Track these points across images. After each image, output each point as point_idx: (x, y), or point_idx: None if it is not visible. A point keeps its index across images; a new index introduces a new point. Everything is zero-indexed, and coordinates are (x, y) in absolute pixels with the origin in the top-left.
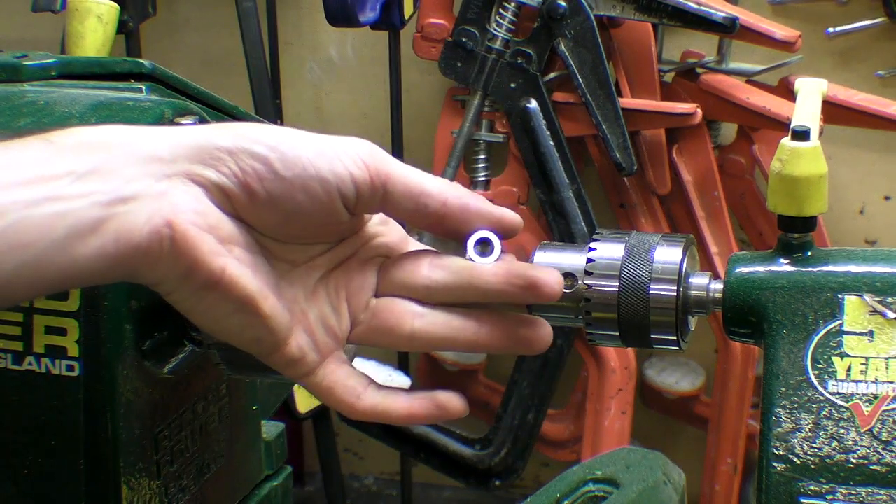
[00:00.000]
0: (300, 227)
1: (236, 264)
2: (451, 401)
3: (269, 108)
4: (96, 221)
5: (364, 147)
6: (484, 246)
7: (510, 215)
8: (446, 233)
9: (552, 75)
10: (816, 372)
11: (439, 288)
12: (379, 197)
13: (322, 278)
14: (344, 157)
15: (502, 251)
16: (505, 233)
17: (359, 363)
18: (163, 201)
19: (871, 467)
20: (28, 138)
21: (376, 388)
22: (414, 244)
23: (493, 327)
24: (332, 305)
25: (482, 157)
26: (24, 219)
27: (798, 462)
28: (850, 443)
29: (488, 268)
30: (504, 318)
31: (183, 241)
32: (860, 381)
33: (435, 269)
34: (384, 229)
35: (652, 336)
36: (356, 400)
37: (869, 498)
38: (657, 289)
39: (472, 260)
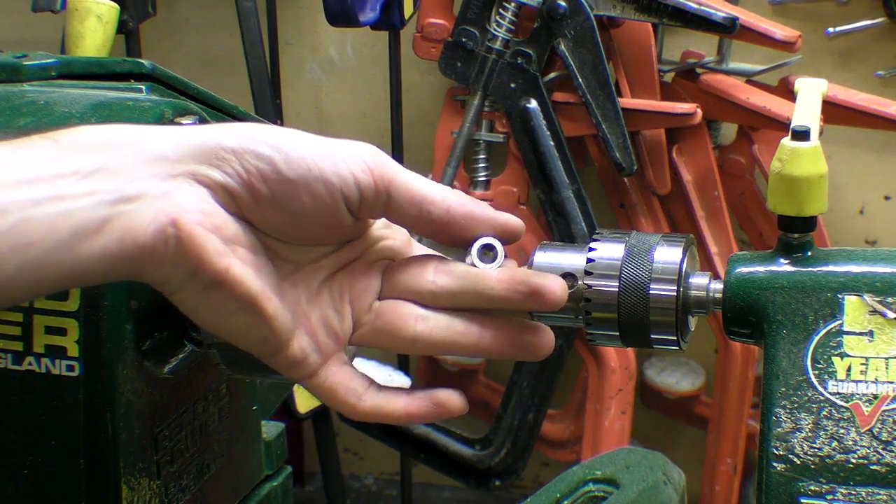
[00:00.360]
0: (304, 229)
1: (240, 265)
2: (451, 399)
3: (269, 108)
4: (101, 221)
5: (368, 151)
6: (488, 252)
7: (513, 221)
8: (450, 240)
9: (552, 75)
10: (816, 372)
11: (444, 293)
12: (382, 202)
13: (326, 280)
14: (349, 159)
15: (505, 257)
16: (508, 238)
17: (359, 363)
18: (168, 201)
19: (871, 467)
20: (33, 137)
21: (377, 388)
22: (418, 248)
23: (496, 332)
24: (335, 307)
25: (482, 157)
26: (28, 218)
27: (798, 462)
28: (850, 443)
29: (493, 274)
30: (507, 323)
31: (188, 240)
32: (860, 381)
33: (440, 275)
34: (388, 232)
35: (652, 336)
36: (357, 401)
37: (869, 498)
38: (657, 289)
39: (475, 266)
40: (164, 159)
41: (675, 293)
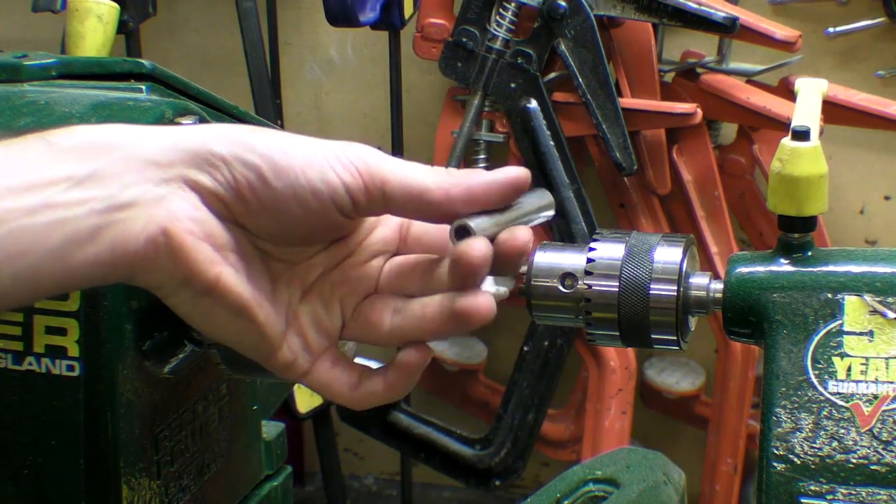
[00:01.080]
0: (296, 234)
1: (231, 272)
2: (410, 358)
3: (269, 108)
4: (93, 229)
5: (358, 152)
6: (463, 232)
7: (514, 177)
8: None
9: (552, 75)
10: (816, 372)
11: (429, 291)
12: (378, 202)
13: (319, 277)
14: (336, 165)
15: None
16: (520, 191)
17: (359, 363)
18: (160, 208)
19: (872, 467)
20: (28, 138)
21: (367, 376)
22: (417, 228)
23: (436, 310)
24: (325, 305)
25: (482, 157)
26: (22, 227)
27: (798, 462)
28: (851, 443)
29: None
30: (444, 297)
31: (179, 249)
32: (860, 381)
33: (427, 276)
34: (382, 219)
35: (652, 336)
36: (351, 393)
37: (869, 498)
38: (657, 289)
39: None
40: (157, 164)
41: (675, 293)
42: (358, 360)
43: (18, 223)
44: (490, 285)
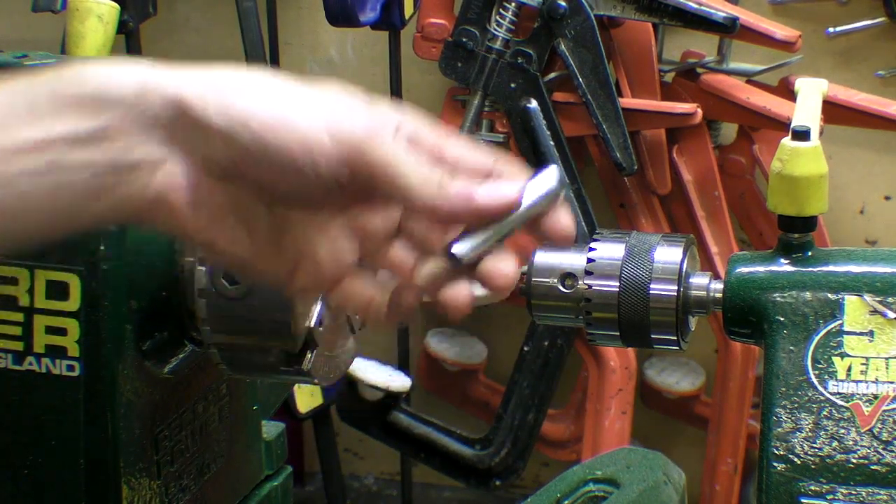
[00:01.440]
0: (288, 196)
1: (228, 235)
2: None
3: None
4: (97, 190)
5: (359, 133)
6: (455, 260)
7: (504, 200)
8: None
9: (552, 75)
10: (817, 372)
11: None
12: (367, 188)
13: (334, 214)
14: (331, 147)
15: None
16: (511, 210)
17: (359, 363)
18: (160, 171)
19: (872, 467)
20: (35, 83)
21: (387, 290)
22: None
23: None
24: (345, 239)
25: None
26: (28, 190)
27: (798, 462)
28: (851, 443)
29: None
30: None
31: (176, 213)
32: (860, 381)
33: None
34: None
35: (652, 336)
36: (372, 306)
37: (869, 498)
38: (657, 289)
39: None
40: (159, 125)
41: (675, 293)
42: (358, 360)
43: (25, 185)
44: (478, 288)
